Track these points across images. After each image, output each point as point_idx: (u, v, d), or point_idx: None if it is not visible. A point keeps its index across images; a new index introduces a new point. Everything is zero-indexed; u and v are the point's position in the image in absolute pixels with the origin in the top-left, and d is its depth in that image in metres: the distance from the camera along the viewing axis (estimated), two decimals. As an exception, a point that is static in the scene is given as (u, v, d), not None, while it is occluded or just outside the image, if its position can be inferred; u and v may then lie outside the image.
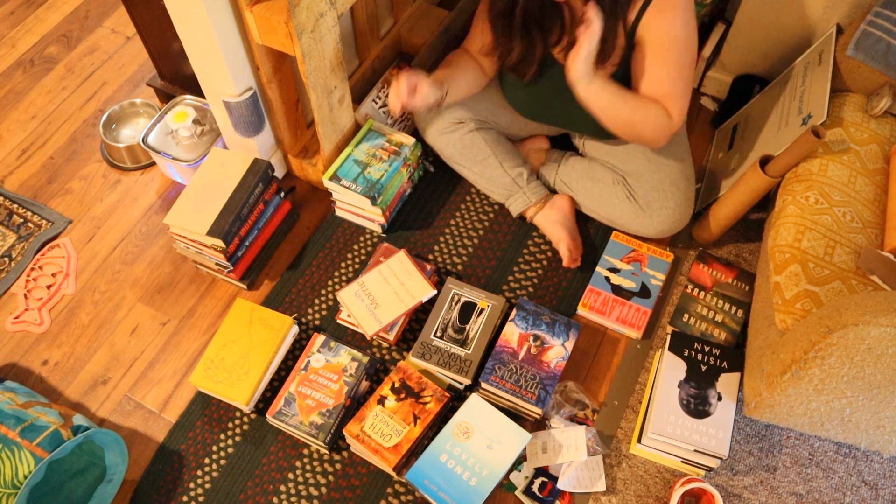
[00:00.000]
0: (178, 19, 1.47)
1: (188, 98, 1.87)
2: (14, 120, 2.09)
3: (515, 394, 1.48)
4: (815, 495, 1.46)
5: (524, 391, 1.48)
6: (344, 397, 1.51)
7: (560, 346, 1.54)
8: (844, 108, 1.56)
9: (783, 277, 1.35)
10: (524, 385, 1.49)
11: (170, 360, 1.66)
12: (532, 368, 1.51)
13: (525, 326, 1.56)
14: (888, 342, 1.07)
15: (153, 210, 1.90)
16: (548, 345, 1.54)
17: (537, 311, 1.58)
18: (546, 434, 1.48)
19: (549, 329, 1.56)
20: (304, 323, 1.68)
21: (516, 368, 1.51)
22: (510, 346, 1.54)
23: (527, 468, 1.47)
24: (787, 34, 1.79)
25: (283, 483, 1.50)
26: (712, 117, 1.99)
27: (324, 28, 1.47)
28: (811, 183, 1.44)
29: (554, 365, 1.52)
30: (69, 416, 1.44)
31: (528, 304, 1.60)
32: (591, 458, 1.47)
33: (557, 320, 1.58)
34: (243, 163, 1.65)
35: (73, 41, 2.27)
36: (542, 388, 1.49)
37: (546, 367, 1.51)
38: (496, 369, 1.51)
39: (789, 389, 1.24)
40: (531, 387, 1.49)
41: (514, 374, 1.50)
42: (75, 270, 1.80)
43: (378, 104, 1.88)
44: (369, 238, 1.81)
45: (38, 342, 1.70)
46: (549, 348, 1.54)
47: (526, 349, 1.54)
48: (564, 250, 1.69)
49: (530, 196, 1.73)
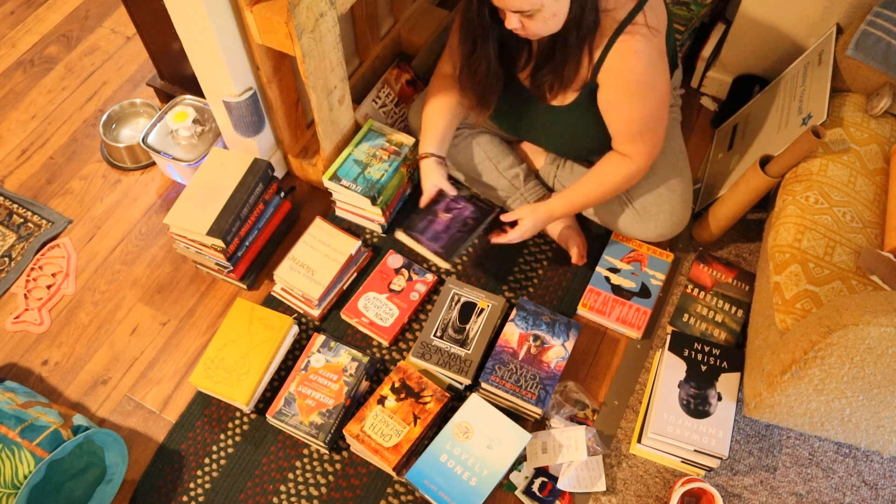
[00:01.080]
0: (178, 19, 1.47)
1: (188, 98, 1.87)
2: (14, 120, 2.09)
3: (515, 394, 1.48)
4: (815, 495, 1.46)
5: (524, 391, 1.48)
6: (344, 397, 1.51)
7: (560, 345, 1.54)
8: (844, 108, 1.56)
9: (783, 277, 1.34)
10: (524, 385, 1.49)
11: (170, 360, 1.66)
12: (532, 368, 1.51)
13: (525, 326, 1.56)
14: (888, 342, 1.07)
15: (153, 210, 1.90)
16: (548, 345, 1.54)
17: (537, 310, 1.58)
18: (546, 434, 1.48)
19: (549, 329, 1.56)
20: (304, 323, 1.68)
21: (516, 368, 1.51)
22: (510, 346, 1.54)
23: (527, 468, 1.47)
24: (787, 34, 1.79)
25: (283, 483, 1.50)
26: (712, 117, 1.99)
27: (324, 28, 1.47)
28: (811, 183, 1.44)
29: (554, 365, 1.52)
30: (69, 416, 1.44)
31: (528, 304, 1.60)
32: (591, 459, 1.47)
33: (557, 320, 1.58)
34: (243, 163, 1.65)
35: (73, 41, 2.27)
36: (542, 388, 1.49)
37: (546, 367, 1.51)
38: (496, 369, 1.51)
39: (789, 389, 1.24)
40: (531, 387, 1.49)
41: (514, 373, 1.50)
42: (75, 270, 1.80)
43: (378, 104, 1.88)
44: (369, 238, 1.81)
45: (38, 342, 1.70)
46: (549, 348, 1.54)
47: (526, 349, 1.54)
48: (573, 247, 1.69)
49: (528, 197, 1.73)
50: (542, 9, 1.26)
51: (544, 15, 1.28)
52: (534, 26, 1.30)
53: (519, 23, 1.30)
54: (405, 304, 1.67)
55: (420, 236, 1.52)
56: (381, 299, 1.67)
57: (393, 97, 1.92)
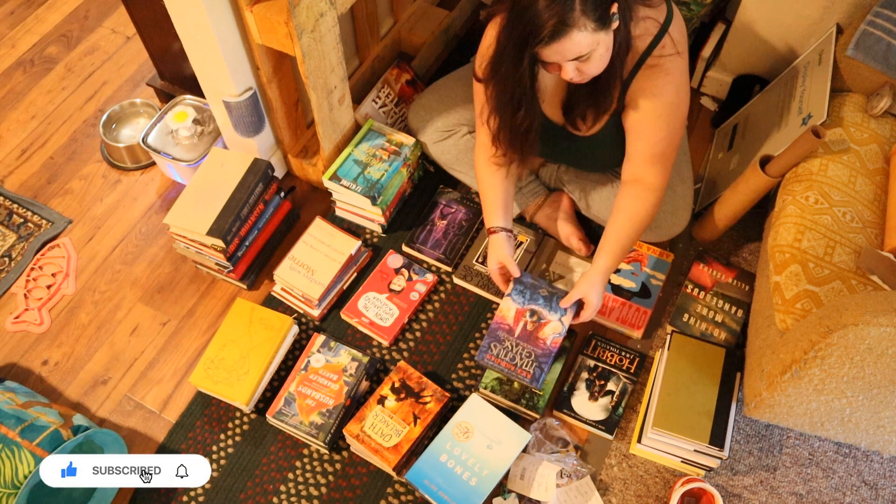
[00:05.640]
0: (178, 19, 1.47)
1: (188, 98, 1.87)
2: (14, 120, 2.09)
3: (510, 372, 1.45)
4: (815, 495, 1.46)
5: (519, 369, 1.45)
6: (344, 397, 1.51)
7: (557, 321, 1.49)
8: (844, 108, 1.56)
9: (783, 277, 1.34)
10: (519, 363, 1.46)
11: (170, 360, 1.66)
12: (528, 346, 1.47)
13: (522, 301, 1.51)
14: (888, 342, 1.07)
15: (153, 210, 1.90)
16: (544, 320, 1.49)
17: (535, 283, 1.52)
18: (528, 460, 1.46)
19: (546, 303, 1.50)
20: (304, 323, 1.68)
21: (512, 346, 1.47)
22: (506, 322, 1.50)
23: (512, 499, 1.45)
24: (787, 34, 1.79)
25: (283, 483, 1.50)
26: (712, 117, 1.99)
27: (324, 28, 1.47)
28: (811, 183, 1.44)
29: (550, 341, 1.47)
30: (69, 416, 1.44)
31: (527, 277, 1.53)
32: (580, 482, 1.45)
33: (556, 293, 1.51)
34: (243, 163, 1.65)
35: (73, 41, 2.27)
36: (536, 365, 1.45)
37: (542, 343, 1.47)
38: (492, 347, 1.48)
39: (789, 389, 1.24)
40: (526, 364, 1.46)
41: (509, 351, 1.47)
42: (75, 270, 1.80)
43: (378, 104, 1.88)
44: (369, 238, 1.81)
45: (38, 342, 1.70)
46: (545, 324, 1.49)
47: (522, 325, 1.49)
48: (576, 243, 1.69)
49: (528, 197, 1.73)
50: (599, 46, 1.21)
51: (600, 52, 1.23)
52: (591, 67, 1.25)
53: (576, 70, 1.25)
54: (405, 303, 1.67)
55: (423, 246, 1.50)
56: (381, 299, 1.67)
57: (393, 97, 1.92)
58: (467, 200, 1.82)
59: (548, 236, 1.76)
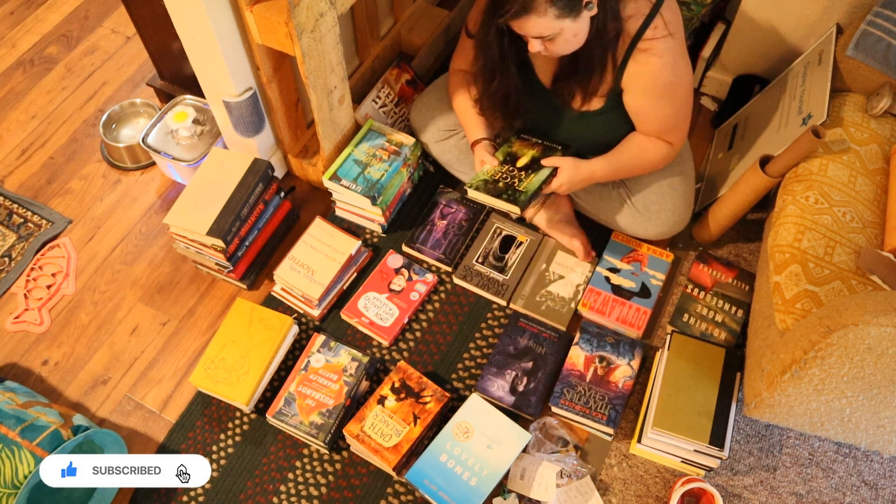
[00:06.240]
0: (178, 19, 1.47)
1: (188, 98, 1.87)
2: (14, 120, 2.09)
3: (585, 415, 1.49)
4: (815, 495, 1.46)
5: (594, 412, 1.50)
6: (344, 397, 1.51)
7: (626, 364, 1.56)
8: (844, 108, 1.56)
9: (783, 277, 1.34)
10: (594, 406, 1.50)
11: (170, 360, 1.66)
12: (600, 389, 1.52)
13: (590, 349, 1.58)
14: (888, 342, 1.07)
15: (153, 210, 1.90)
16: (614, 364, 1.56)
17: (601, 332, 1.60)
18: (528, 460, 1.47)
19: (613, 349, 1.58)
20: (304, 323, 1.68)
21: (585, 391, 1.52)
22: (577, 368, 1.55)
23: (512, 499, 1.45)
24: (787, 34, 1.79)
25: (283, 483, 1.50)
26: (712, 117, 1.99)
27: (324, 28, 1.47)
28: (811, 183, 1.44)
29: (622, 384, 1.53)
30: (69, 416, 1.44)
31: (591, 327, 1.61)
32: (580, 482, 1.46)
33: (622, 340, 1.59)
34: (243, 163, 1.65)
35: (73, 41, 2.27)
36: (611, 407, 1.50)
37: (614, 387, 1.53)
38: (564, 392, 1.52)
39: (789, 389, 1.24)
40: (601, 407, 1.50)
41: (582, 396, 1.52)
42: (75, 270, 1.80)
43: (378, 104, 1.88)
44: (369, 238, 1.81)
45: (38, 342, 1.70)
46: (615, 368, 1.55)
47: (593, 371, 1.55)
48: (578, 246, 1.69)
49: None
50: (563, 31, 1.26)
51: (565, 37, 1.28)
52: (556, 48, 1.31)
53: (542, 46, 1.30)
54: (405, 303, 1.67)
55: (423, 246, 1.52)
56: (381, 299, 1.67)
57: (393, 97, 1.92)
58: (467, 200, 1.82)
59: (548, 237, 1.76)
